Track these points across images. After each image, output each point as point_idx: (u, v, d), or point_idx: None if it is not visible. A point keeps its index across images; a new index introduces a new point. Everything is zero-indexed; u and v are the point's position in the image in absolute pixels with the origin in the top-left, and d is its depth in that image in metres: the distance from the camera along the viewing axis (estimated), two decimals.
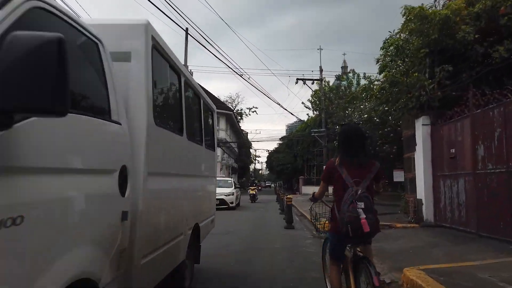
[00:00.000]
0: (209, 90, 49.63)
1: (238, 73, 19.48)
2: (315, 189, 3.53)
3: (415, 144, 9.47)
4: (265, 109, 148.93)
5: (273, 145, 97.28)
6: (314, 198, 3.49)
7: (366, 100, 12.23)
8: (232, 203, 16.38)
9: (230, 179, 20.12)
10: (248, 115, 70.53)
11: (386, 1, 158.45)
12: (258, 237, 8.60)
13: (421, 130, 9.18)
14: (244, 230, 9.61)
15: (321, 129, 33.17)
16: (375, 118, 23.95)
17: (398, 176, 24.97)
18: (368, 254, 3.01)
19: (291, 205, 10.93)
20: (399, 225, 9.08)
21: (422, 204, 9.08)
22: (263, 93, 24.63)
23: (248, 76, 36.87)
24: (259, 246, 7.36)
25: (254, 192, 24.42)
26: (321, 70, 33.64)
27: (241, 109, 66.06)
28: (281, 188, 58.61)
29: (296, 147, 46.16)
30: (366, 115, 24.11)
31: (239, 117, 63.56)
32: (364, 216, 2.65)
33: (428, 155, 9.08)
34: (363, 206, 2.69)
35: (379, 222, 2.87)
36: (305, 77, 33.18)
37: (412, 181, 9.81)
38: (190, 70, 34.45)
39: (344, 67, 51.85)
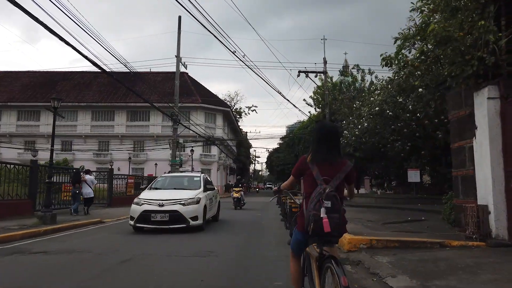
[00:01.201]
0: (209, 89, 46.95)
1: (231, 50, 16.64)
2: None
3: (475, 128, 6.67)
4: (265, 106, 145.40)
5: (273, 145, 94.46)
6: (279, 190, 3.43)
7: (402, 69, 9.37)
8: (195, 218, 9.00)
9: (198, 174, 11.65)
10: (247, 114, 67.92)
11: (382, 5, 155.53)
12: (249, 262, 5.79)
13: (486, 106, 6.37)
14: (231, 249, 6.80)
15: None
16: (388, 111, 21.10)
17: (413, 176, 22.17)
18: (334, 254, 2.86)
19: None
20: (455, 243, 6.26)
21: (489, 213, 6.26)
22: (263, 79, 21.93)
23: (243, 54, 33.23)
24: (250, 284, 4.56)
25: (239, 196, 17.71)
26: (325, 62, 30.82)
27: (240, 108, 63.63)
28: None
29: (298, 146, 43.28)
30: (377, 108, 21.22)
31: (238, 116, 61.01)
32: (326, 215, 2.54)
33: (497, 142, 6.28)
34: (329, 205, 2.58)
35: (346, 223, 2.76)
36: (307, 70, 30.33)
37: (468, 180, 7.00)
38: (184, 62, 31.71)
39: (345, 67, 49.14)
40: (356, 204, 21.73)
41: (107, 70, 17.44)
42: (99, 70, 12.98)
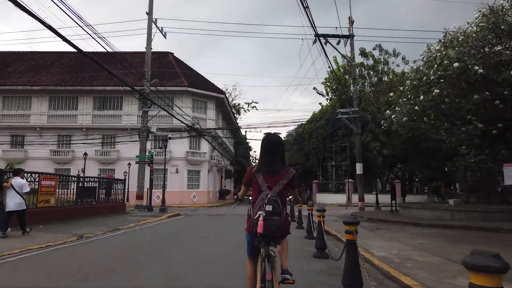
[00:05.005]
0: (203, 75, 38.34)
1: None
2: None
3: None
4: (267, 111, 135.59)
5: None
6: (238, 199, 3.76)
7: None
8: None
9: None
10: (247, 110, 59.97)
11: (379, 8, 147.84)
12: None
13: None
14: None
15: (353, 109, 22.06)
16: (476, 67, 12.60)
17: None
18: (279, 254, 3.40)
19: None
20: None
21: None
22: None
23: None
24: None
25: None
26: (351, 22, 22.63)
27: (239, 104, 55.78)
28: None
29: (309, 142, 34.92)
30: (456, 64, 12.56)
31: (237, 114, 53.04)
32: (262, 218, 2.87)
33: None
34: (270, 209, 2.89)
35: (289, 226, 3.24)
36: (328, 34, 22.16)
37: None
38: (161, 27, 23.61)
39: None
40: (421, 221, 13.20)
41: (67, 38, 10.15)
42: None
